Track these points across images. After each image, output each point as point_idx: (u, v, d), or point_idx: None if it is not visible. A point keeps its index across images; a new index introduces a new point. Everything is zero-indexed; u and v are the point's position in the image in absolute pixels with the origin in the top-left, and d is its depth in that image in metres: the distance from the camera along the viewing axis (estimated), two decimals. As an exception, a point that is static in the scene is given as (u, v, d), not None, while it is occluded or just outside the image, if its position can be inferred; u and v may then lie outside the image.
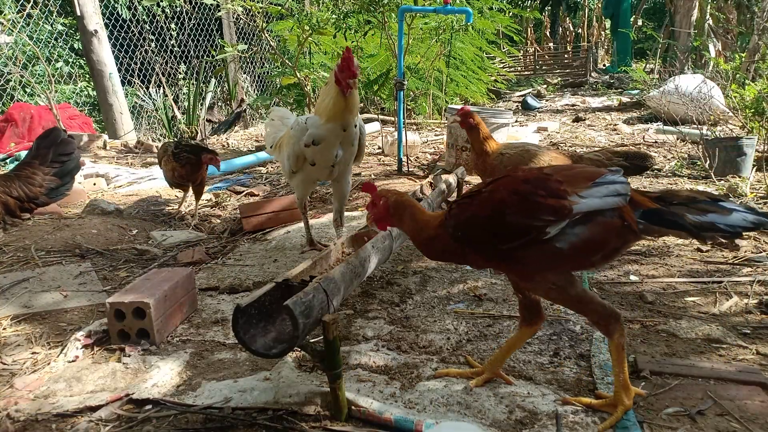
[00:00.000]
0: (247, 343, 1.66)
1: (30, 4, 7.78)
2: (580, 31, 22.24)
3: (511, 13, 11.23)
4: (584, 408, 1.73)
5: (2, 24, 7.26)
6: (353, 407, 1.73)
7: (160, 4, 9.78)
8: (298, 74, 6.13)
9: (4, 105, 8.04)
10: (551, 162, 3.08)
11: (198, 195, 4.37)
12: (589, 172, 1.69)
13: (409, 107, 8.87)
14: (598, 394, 1.80)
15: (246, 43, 9.87)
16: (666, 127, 7.09)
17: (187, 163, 4.08)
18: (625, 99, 10.45)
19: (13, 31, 7.55)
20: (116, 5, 9.66)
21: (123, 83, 8.49)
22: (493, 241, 1.66)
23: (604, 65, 18.59)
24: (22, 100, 8.31)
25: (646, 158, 3.19)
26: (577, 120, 8.83)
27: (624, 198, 1.61)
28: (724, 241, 2.76)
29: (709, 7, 11.40)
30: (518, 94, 12.84)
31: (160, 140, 8.56)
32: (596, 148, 4.52)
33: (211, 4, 6.32)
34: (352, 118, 2.84)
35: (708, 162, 4.76)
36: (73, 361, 2.16)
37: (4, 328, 2.48)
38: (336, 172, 3.03)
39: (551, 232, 1.59)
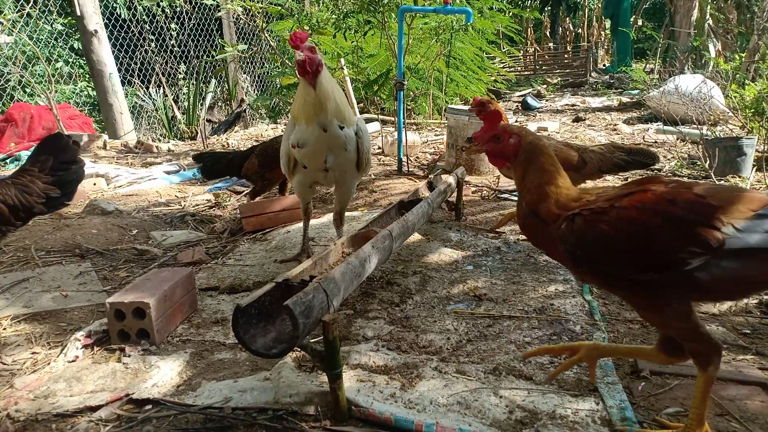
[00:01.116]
0: (247, 343, 1.66)
1: (30, 4, 7.78)
2: (580, 31, 22.25)
3: (511, 13, 11.24)
4: (587, 408, 1.73)
5: (2, 24, 7.26)
6: (353, 407, 1.73)
7: (160, 4, 9.79)
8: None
9: (4, 105, 8.04)
10: (556, 153, 3.06)
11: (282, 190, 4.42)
12: (754, 198, 1.40)
13: (409, 107, 8.87)
14: (660, 422, 1.66)
15: (246, 43, 9.87)
16: (666, 127, 7.09)
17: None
18: (625, 99, 10.45)
19: (13, 31, 7.55)
20: (116, 5, 9.66)
21: (123, 83, 8.50)
22: (625, 269, 1.42)
23: (604, 65, 18.59)
24: (22, 100, 8.31)
25: (649, 155, 3.16)
26: (577, 120, 8.83)
27: None
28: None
29: (709, 7, 11.40)
30: (518, 94, 12.84)
31: (160, 140, 8.56)
32: (601, 143, 4.53)
33: (211, 4, 6.33)
34: (328, 116, 2.63)
35: (708, 162, 4.76)
36: (73, 361, 2.16)
37: (4, 328, 2.48)
38: (333, 178, 2.89)
39: (693, 263, 1.35)
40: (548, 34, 21.45)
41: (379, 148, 6.74)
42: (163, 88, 9.28)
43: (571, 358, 1.76)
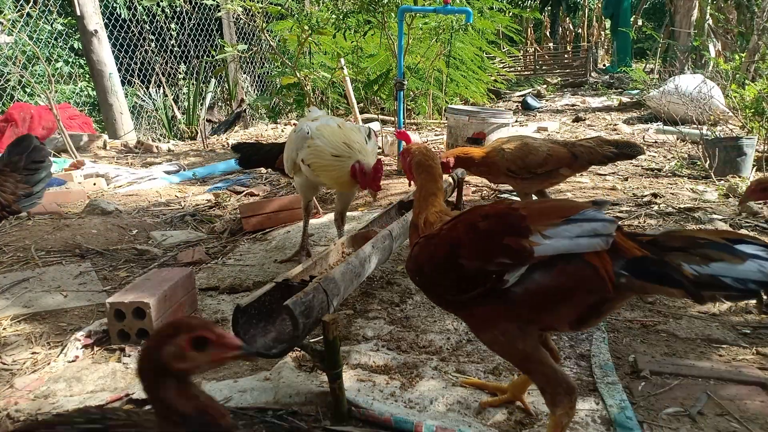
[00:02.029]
0: (247, 342, 1.66)
1: (30, 4, 7.78)
2: (580, 31, 22.23)
3: (511, 13, 11.24)
4: (587, 408, 1.73)
5: (2, 24, 7.26)
6: (353, 408, 1.73)
7: (160, 4, 9.79)
8: (298, 74, 6.13)
9: (4, 105, 8.04)
10: (550, 153, 3.10)
11: None
12: (564, 205, 1.40)
13: (409, 107, 8.87)
14: None
15: (246, 43, 9.86)
16: (666, 127, 7.09)
17: None
18: (625, 99, 10.44)
19: (13, 31, 7.54)
20: (116, 5, 9.66)
21: (123, 83, 8.50)
22: (450, 290, 1.41)
23: (604, 65, 18.58)
24: (22, 100, 8.31)
25: (634, 147, 3.26)
26: (577, 120, 8.83)
27: (604, 240, 1.27)
28: (729, 303, 2.30)
29: (709, 7, 11.39)
30: (518, 94, 12.83)
31: (160, 140, 8.56)
32: (590, 136, 4.60)
33: (211, 4, 6.33)
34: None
35: (708, 162, 4.76)
36: (73, 361, 2.16)
37: (4, 328, 2.48)
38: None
39: (510, 280, 1.32)
40: (548, 34, 21.43)
41: (379, 148, 6.74)
42: (163, 88, 9.28)
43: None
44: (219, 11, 7.60)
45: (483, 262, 1.34)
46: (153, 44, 10.23)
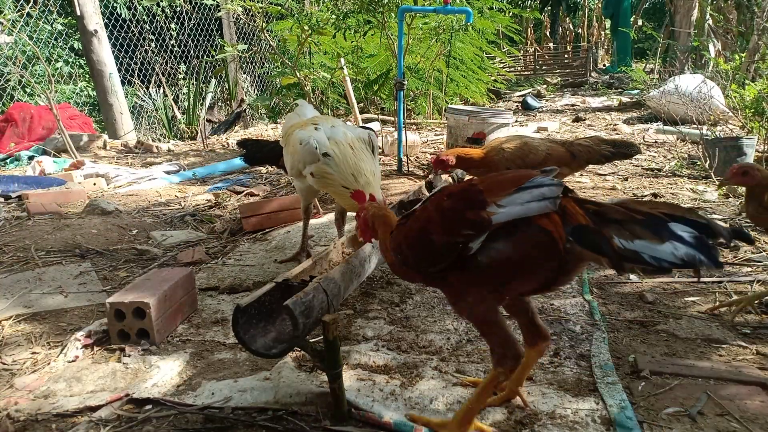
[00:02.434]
0: (247, 343, 1.66)
1: (30, 4, 7.78)
2: (580, 31, 22.24)
3: (511, 13, 11.24)
4: (587, 408, 1.73)
5: (2, 24, 7.26)
6: (353, 409, 1.73)
7: (160, 4, 9.79)
8: (298, 74, 6.13)
9: (4, 105, 8.04)
10: (549, 152, 3.15)
11: None
12: (515, 176, 1.52)
13: (409, 107, 8.87)
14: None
15: (246, 43, 9.87)
16: (666, 127, 7.09)
17: None
18: (625, 99, 10.45)
19: (13, 31, 7.54)
20: (116, 5, 9.66)
21: (123, 83, 8.50)
22: (424, 263, 1.55)
23: (604, 65, 18.58)
24: (22, 100, 8.31)
25: (631, 146, 3.31)
26: (577, 120, 8.83)
27: (552, 202, 1.41)
28: (644, 276, 2.48)
29: (709, 7, 11.39)
30: (518, 94, 12.84)
31: (160, 140, 8.56)
32: (588, 136, 4.63)
33: (211, 4, 6.33)
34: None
35: (708, 162, 4.76)
36: (73, 361, 2.16)
37: (4, 328, 2.48)
38: None
39: (473, 247, 1.46)
40: (548, 34, 21.44)
41: (379, 148, 6.75)
42: (163, 88, 9.28)
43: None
44: (219, 11, 7.60)
45: (450, 236, 1.48)
46: (153, 44, 10.23)
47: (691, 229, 1.30)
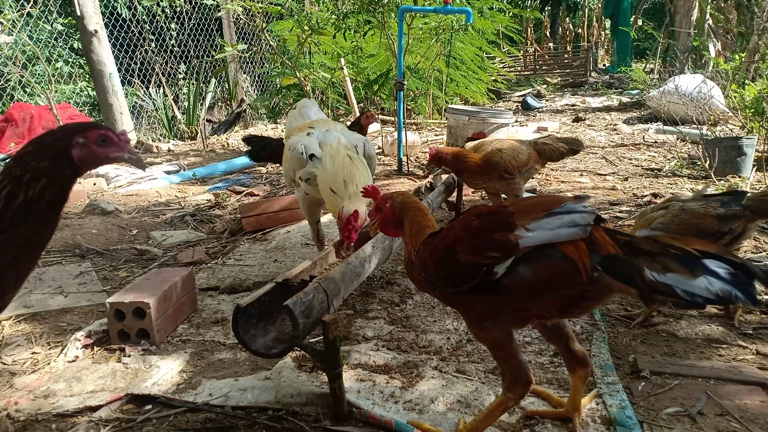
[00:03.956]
0: (247, 343, 1.66)
1: (30, 4, 7.78)
2: (580, 31, 22.22)
3: (511, 13, 11.23)
4: (587, 408, 1.73)
5: (2, 24, 7.26)
6: (353, 409, 1.73)
7: (160, 3, 9.77)
8: (298, 74, 6.13)
9: (4, 105, 8.03)
10: (528, 151, 3.34)
11: None
12: (546, 200, 1.50)
13: (409, 107, 8.87)
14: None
15: (246, 43, 9.86)
16: (666, 127, 7.09)
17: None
18: (625, 99, 10.44)
19: (13, 31, 7.54)
20: (116, 5, 9.66)
21: (123, 83, 8.49)
22: (449, 282, 1.52)
23: (604, 65, 18.58)
24: (22, 100, 8.30)
25: (579, 143, 3.58)
26: (577, 120, 8.83)
27: (582, 230, 1.38)
28: (676, 310, 2.40)
29: (709, 7, 11.39)
30: (518, 94, 12.83)
31: (160, 140, 8.56)
32: (545, 134, 5.05)
33: (211, 4, 6.32)
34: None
35: (708, 162, 4.76)
36: (73, 361, 2.16)
37: (4, 328, 2.48)
38: None
39: (498, 271, 1.43)
40: (548, 34, 21.43)
41: (379, 148, 6.75)
42: (163, 88, 9.27)
43: None
44: (219, 11, 7.59)
45: (476, 256, 1.45)
46: (153, 44, 10.22)
47: (726, 265, 1.27)
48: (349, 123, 4.08)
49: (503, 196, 3.56)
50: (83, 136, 1.35)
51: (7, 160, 1.33)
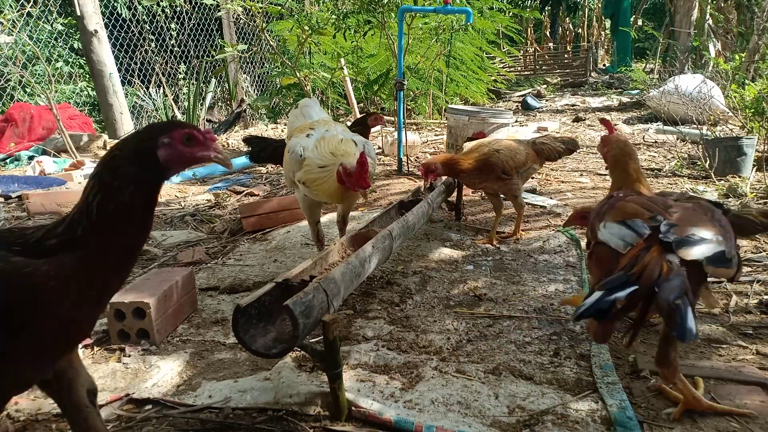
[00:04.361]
0: (247, 343, 1.66)
1: (30, 4, 7.78)
2: (580, 31, 22.22)
3: (511, 13, 11.23)
4: (587, 408, 1.73)
5: (2, 24, 7.26)
6: (353, 408, 1.73)
7: (160, 3, 9.77)
8: (298, 74, 6.13)
9: (4, 105, 8.04)
10: (526, 151, 3.42)
11: None
12: (631, 210, 1.73)
13: (409, 107, 8.87)
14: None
15: (246, 43, 9.85)
16: (666, 127, 7.09)
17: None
18: (625, 99, 10.45)
19: (13, 31, 7.54)
20: (116, 5, 9.66)
21: (123, 83, 8.49)
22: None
23: (604, 65, 18.57)
24: (22, 100, 8.30)
25: (574, 143, 3.73)
26: (577, 120, 8.83)
27: (624, 245, 1.63)
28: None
29: (709, 7, 11.39)
30: (518, 94, 12.83)
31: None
32: (544, 134, 5.12)
33: (211, 4, 6.32)
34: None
35: (708, 162, 4.76)
36: (73, 361, 2.16)
37: (4, 328, 2.47)
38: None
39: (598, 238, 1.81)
40: (548, 34, 21.42)
41: (379, 148, 6.75)
42: (163, 88, 9.28)
43: None
44: (219, 11, 7.59)
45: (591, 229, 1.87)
46: (153, 44, 10.22)
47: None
48: (349, 123, 4.08)
49: (501, 196, 3.56)
50: (169, 136, 1.29)
51: (95, 166, 1.27)
